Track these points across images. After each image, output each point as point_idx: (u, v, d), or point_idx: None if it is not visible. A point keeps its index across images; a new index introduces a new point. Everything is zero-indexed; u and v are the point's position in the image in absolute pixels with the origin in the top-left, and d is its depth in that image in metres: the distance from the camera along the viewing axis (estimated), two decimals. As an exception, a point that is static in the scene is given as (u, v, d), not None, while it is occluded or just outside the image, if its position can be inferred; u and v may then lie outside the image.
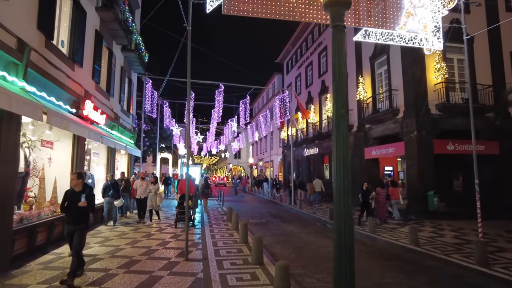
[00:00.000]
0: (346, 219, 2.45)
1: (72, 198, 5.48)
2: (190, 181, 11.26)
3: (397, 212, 13.82)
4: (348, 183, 2.44)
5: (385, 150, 16.43)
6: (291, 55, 33.63)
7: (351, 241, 2.50)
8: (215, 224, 11.55)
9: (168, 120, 26.13)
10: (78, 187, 5.66)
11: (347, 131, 2.54)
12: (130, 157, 15.85)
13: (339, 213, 2.45)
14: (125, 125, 14.25)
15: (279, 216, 15.02)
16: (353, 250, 2.54)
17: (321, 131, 24.01)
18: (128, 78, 15.31)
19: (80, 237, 5.51)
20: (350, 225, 2.48)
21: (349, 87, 20.44)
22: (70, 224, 5.53)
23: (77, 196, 5.50)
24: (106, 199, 10.84)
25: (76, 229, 5.48)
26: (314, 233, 10.77)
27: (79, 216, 5.50)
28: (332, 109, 2.60)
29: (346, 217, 2.45)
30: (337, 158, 2.49)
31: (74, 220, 5.48)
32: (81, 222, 5.57)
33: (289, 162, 33.77)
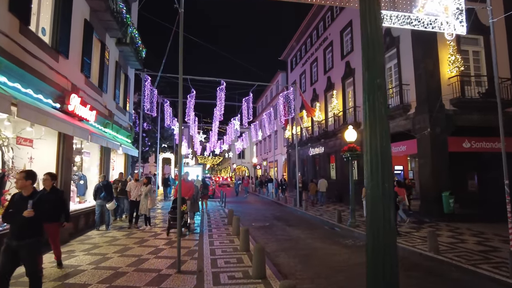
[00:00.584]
0: (387, 237, 1.64)
1: (18, 205, 4.16)
2: (188, 183, 10.50)
3: (403, 214, 13.01)
4: (389, 187, 1.65)
5: (396, 148, 15.54)
6: (295, 52, 32.78)
7: (393, 264, 1.67)
8: (215, 228, 10.75)
9: (169, 119, 25.42)
10: (27, 191, 4.28)
11: (385, 110, 1.74)
12: (128, 157, 15.11)
13: (377, 229, 1.65)
14: (120, 123, 13.51)
15: (284, 218, 14.19)
16: (397, 276, 1.70)
17: (327, 129, 23.14)
18: (124, 74, 14.57)
19: (31, 256, 4.18)
20: (393, 244, 1.66)
21: (357, 83, 19.62)
22: (13, 238, 4.11)
23: (24, 202, 4.12)
24: (98, 201, 10.08)
25: (21, 245, 4.07)
26: (321, 238, 9.94)
27: (24, 228, 4.12)
28: (363, 82, 1.80)
29: (386, 233, 1.64)
30: (371, 150, 1.69)
31: (17, 233, 4.12)
32: (29, 237, 4.15)
33: (294, 162, 32.94)
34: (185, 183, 10.23)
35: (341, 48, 22.09)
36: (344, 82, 21.29)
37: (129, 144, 14.68)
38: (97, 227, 10.12)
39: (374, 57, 1.70)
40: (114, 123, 12.52)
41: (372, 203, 1.61)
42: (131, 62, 14.90)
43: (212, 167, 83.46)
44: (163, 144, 31.56)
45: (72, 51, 8.62)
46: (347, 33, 21.44)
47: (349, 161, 12.25)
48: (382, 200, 1.57)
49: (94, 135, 8.75)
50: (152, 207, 10.73)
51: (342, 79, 21.43)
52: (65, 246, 7.76)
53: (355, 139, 12.40)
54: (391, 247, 1.62)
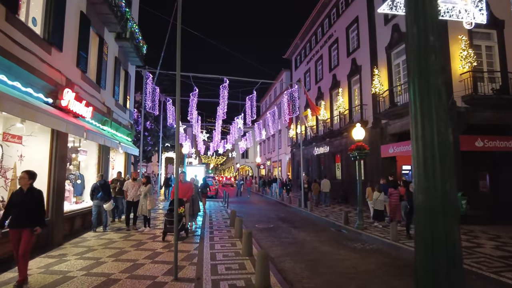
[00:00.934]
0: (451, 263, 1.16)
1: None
2: (186, 184, 10.01)
3: None
4: (451, 188, 1.17)
5: (405, 147, 14.99)
6: (299, 50, 32.27)
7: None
8: (217, 230, 10.30)
9: (172, 118, 25.05)
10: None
11: (443, 79, 1.26)
12: (128, 156, 14.70)
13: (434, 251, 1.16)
14: (120, 121, 13.10)
15: (289, 220, 13.72)
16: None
17: (332, 128, 22.62)
18: (124, 70, 14.17)
19: None
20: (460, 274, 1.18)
21: (363, 81, 19.08)
22: None
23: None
24: (95, 202, 9.67)
25: None
26: (329, 241, 9.45)
27: None
28: (407, 43, 1.33)
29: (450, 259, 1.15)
30: (424, 140, 1.22)
31: None
32: None
33: (298, 162, 32.48)
34: (183, 184, 9.78)
35: (347, 45, 21.56)
36: (350, 80, 20.77)
37: (129, 143, 14.26)
38: (94, 228, 9.70)
39: (425, 4, 1.23)
40: (113, 120, 12.10)
41: (427, 214, 1.13)
42: (132, 58, 14.48)
43: (216, 167, 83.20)
44: (166, 143, 31.21)
45: (66, 44, 8.20)
46: (353, 30, 20.92)
47: (357, 160, 11.73)
48: (444, 210, 1.09)
49: (90, 132, 8.33)
50: (152, 208, 10.25)
51: (348, 77, 20.91)
52: (57, 250, 7.35)
53: (363, 137, 11.89)
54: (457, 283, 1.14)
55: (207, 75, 18.11)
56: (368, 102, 18.25)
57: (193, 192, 9.95)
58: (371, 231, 10.75)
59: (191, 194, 9.70)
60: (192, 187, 9.97)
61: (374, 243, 9.28)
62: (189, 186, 9.85)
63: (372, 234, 10.26)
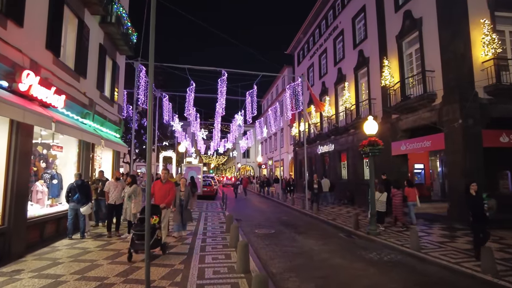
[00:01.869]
0: None
1: None
2: (167, 185, 8.44)
3: (414, 216, 11.55)
4: None
5: (418, 144, 13.70)
6: (302, 44, 30.97)
7: None
8: (211, 237, 9.01)
9: (168, 115, 23.80)
10: None
11: None
12: (116, 154, 13.46)
13: None
14: (105, 115, 11.85)
15: (292, 223, 12.44)
16: None
17: (337, 125, 21.33)
18: (111, 60, 12.92)
19: None
20: None
21: (371, 73, 17.80)
22: None
23: None
24: (71, 205, 8.44)
25: None
26: (340, 250, 8.17)
27: None
28: None
29: None
30: None
31: None
32: None
33: (301, 161, 31.16)
34: (163, 185, 8.31)
35: (353, 36, 20.27)
36: (357, 73, 19.47)
37: (117, 139, 13.03)
38: (70, 235, 8.45)
39: None
40: (97, 114, 10.87)
41: None
42: (120, 47, 13.23)
43: (217, 167, 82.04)
44: (163, 142, 29.98)
45: (29, 19, 6.94)
46: (360, 20, 19.64)
47: (369, 157, 10.45)
48: None
49: (60, 124, 7.08)
50: (137, 212, 8.93)
51: (355, 70, 19.62)
52: (14, 264, 6.09)
53: (376, 131, 10.60)
54: None
55: (204, 67, 16.85)
56: (377, 96, 16.95)
57: (174, 196, 8.50)
58: (386, 237, 9.48)
59: (172, 198, 8.25)
60: (174, 190, 8.48)
61: (392, 252, 7.99)
62: (169, 188, 8.28)
63: (388, 241, 8.98)
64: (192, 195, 10.28)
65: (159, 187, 8.21)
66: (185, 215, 9.01)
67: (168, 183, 8.38)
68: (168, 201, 8.08)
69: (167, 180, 8.43)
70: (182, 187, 9.27)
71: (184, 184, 9.39)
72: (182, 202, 8.99)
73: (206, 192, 21.32)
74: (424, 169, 17.21)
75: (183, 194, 9.07)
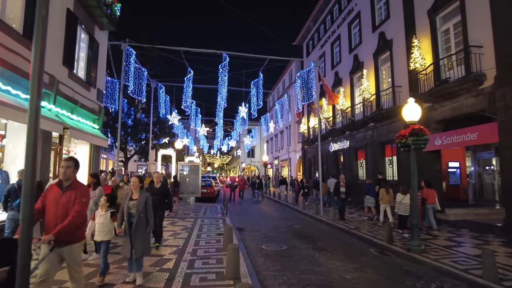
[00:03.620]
0: None
1: None
2: (77, 189, 4.95)
3: (434, 221, 10.23)
4: None
5: (460, 137, 11.28)
6: (312, 33, 28.57)
7: None
8: (202, 258, 6.66)
9: (165, 109, 21.48)
10: None
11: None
12: (94, 148, 11.19)
13: None
14: (76, 99, 9.57)
15: (307, 235, 10.08)
16: None
17: (353, 119, 18.90)
18: (88, 35, 10.65)
19: None
20: None
21: (395, 58, 15.40)
22: None
23: None
24: (10, 214, 6.17)
25: None
26: (381, 278, 5.81)
27: None
28: None
29: None
30: None
31: None
32: None
33: (310, 160, 28.73)
34: (60, 194, 3.60)
35: (372, 18, 17.85)
36: (377, 59, 17.05)
37: (95, 131, 10.77)
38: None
39: None
40: (61, 95, 8.59)
41: None
42: (98, 18, 10.93)
43: (221, 167, 79.85)
44: (162, 138, 27.71)
45: None
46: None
47: (412, 152, 8.06)
48: None
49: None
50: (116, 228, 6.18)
51: (375, 56, 17.19)
52: None
53: (419, 117, 8.20)
54: None
55: (202, 50, 14.50)
56: (403, 83, 14.53)
57: (81, 215, 3.67)
58: (435, 256, 7.13)
59: (74, 222, 3.46)
60: (83, 203, 3.70)
61: (459, 284, 5.60)
62: (74, 198, 3.59)
63: (441, 262, 6.62)
64: (169, 198, 7.93)
65: (54, 197, 3.59)
66: (138, 241, 5.03)
67: (76, 188, 3.68)
68: (64, 227, 3.39)
69: None
70: (157, 184, 7.68)
71: (160, 181, 7.45)
72: (132, 219, 5.10)
73: (205, 194, 18.94)
74: (460, 167, 14.70)
75: (136, 203, 5.16)
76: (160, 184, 7.78)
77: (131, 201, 5.25)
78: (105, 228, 5.29)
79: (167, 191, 7.86)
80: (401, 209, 9.68)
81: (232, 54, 14.68)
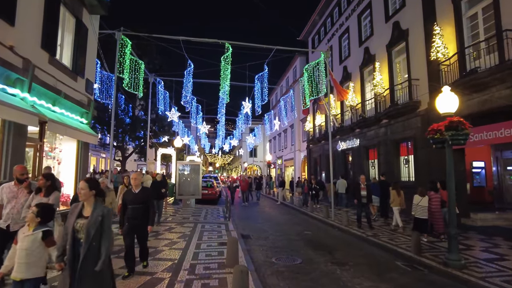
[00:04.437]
0: None
1: None
2: None
3: None
4: None
5: (491, 133, 10.09)
6: (318, 27, 27.37)
7: None
8: (200, 278, 5.44)
9: (164, 105, 20.30)
10: None
11: None
12: (82, 145, 10.02)
13: None
14: (59, 88, 8.40)
15: (322, 243, 8.91)
16: None
17: (364, 115, 17.68)
18: (75, 18, 9.48)
19: None
20: None
21: (412, 48, 14.24)
22: None
23: None
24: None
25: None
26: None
27: None
28: None
29: None
30: None
31: None
32: None
33: (315, 159, 27.51)
34: None
35: (385, 7, 16.63)
36: (391, 51, 15.84)
37: (83, 126, 9.62)
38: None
39: None
40: (39, 83, 7.43)
41: None
42: (87, 0, 9.79)
43: (223, 166, 78.78)
44: (160, 136, 26.53)
45: None
46: (394, -14, 16.02)
47: (447, 149, 6.88)
48: None
49: None
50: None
51: (388, 47, 15.98)
52: None
53: (455, 108, 7.00)
54: None
55: (203, 39, 13.33)
56: (421, 76, 13.34)
57: None
58: (481, 273, 5.96)
59: None
60: None
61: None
62: None
63: (490, 281, 5.45)
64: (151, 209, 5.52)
65: None
66: (86, 286, 3.16)
67: None
68: None
69: None
70: (135, 188, 5.49)
71: (139, 185, 5.52)
72: (78, 248, 3.22)
73: (206, 195, 17.73)
74: (485, 168, 13.46)
75: (86, 224, 3.26)
76: (140, 188, 5.56)
77: (80, 219, 3.30)
78: (31, 257, 3.30)
79: (148, 198, 5.53)
80: (418, 212, 8.92)
81: (235, 44, 13.49)
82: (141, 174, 7.09)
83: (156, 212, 8.71)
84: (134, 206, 5.35)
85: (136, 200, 5.38)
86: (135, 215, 5.30)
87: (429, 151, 12.92)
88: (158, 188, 10.89)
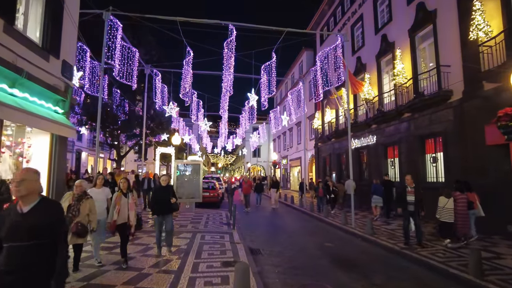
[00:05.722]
0: None
1: None
2: None
3: (475, 229, 8.86)
4: None
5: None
6: (327, 18, 25.64)
7: None
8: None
9: (161, 100, 18.60)
10: None
11: None
12: (56, 139, 8.32)
13: None
14: (20, 66, 6.70)
15: (348, 259, 7.19)
16: None
17: (383, 109, 15.90)
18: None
19: None
20: None
21: (440, 32, 12.48)
22: None
23: None
24: None
25: None
26: None
27: None
28: None
29: None
30: None
31: None
32: None
33: (324, 159, 25.65)
34: None
35: (406, -12, 14.87)
36: (414, 36, 14.09)
37: (57, 116, 7.93)
38: None
39: None
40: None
41: None
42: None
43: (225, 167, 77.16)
44: (158, 134, 24.83)
45: None
46: (418, -38, 14.25)
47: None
48: None
49: None
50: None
51: (411, 33, 14.23)
52: None
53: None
54: None
55: (202, 20, 11.61)
56: (453, 62, 11.58)
57: None
58: None
59: None
60: None
61: None
62: None
63: None
64: None
65: None
66: None
67: None
68: None
69: None
70: None
71: None
72: None
73: (207, 198, 15.97)
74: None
75: None
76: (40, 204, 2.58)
77: None
78: None
79: (55, 226, 2.52)
80: (444, 215, 8.37)
81: (240, 25, 11.78)
82: (84, 181, 5.11)
83: (68, 257, 4.71)
84: (15, 244, 2.36)
85: (21, 231, 2.37)
86: (12, 264, 2.32)
87: (462, 146, 11.18)
88: (163, 197, 6.85)
